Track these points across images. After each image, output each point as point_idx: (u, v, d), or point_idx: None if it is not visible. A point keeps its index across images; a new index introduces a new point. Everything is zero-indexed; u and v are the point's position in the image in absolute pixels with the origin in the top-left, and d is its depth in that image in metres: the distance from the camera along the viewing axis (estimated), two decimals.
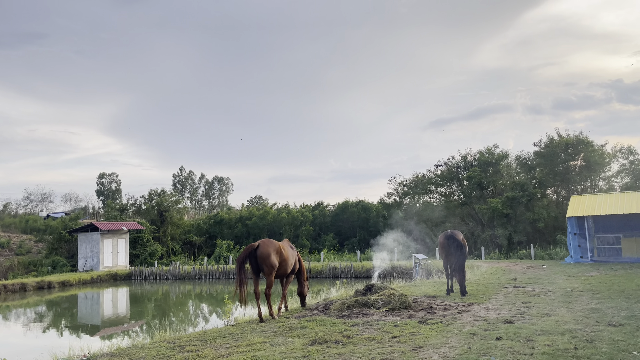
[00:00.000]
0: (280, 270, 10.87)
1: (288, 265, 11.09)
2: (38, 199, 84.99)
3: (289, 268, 11.17)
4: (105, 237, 39.73)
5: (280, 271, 10.91)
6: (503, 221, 35.81)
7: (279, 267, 10.75)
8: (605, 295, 12.30)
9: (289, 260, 11.13)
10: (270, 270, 10.41)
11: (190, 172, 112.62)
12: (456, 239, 13.28)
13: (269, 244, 10.58)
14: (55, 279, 32.69)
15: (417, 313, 10.40)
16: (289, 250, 11.36)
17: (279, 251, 10.73)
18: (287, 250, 11.14)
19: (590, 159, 35.38)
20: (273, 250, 10.53)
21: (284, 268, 10.96)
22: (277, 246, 10.69)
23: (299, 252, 12.13)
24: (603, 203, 24.11)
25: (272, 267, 10.42)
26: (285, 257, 10.92)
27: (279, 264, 10.74)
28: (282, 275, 11.21)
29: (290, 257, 11.20)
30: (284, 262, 10.87)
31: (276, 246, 10.68)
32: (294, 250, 11.81)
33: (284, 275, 11.24)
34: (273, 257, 10.45)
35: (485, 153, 39.96)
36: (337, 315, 10.38)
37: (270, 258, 10.40)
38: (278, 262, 10.65)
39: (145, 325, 18.46)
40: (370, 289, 11.84)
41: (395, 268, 27.78)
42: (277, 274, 10.95)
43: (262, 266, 10.40)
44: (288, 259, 11.05)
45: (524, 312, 10.22)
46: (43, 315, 22.72)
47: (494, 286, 15.37)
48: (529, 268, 22.33)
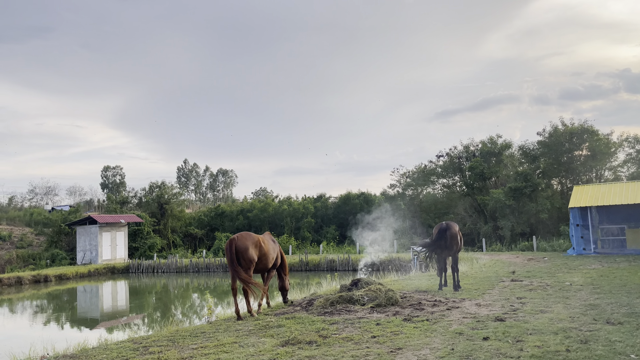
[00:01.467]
0: (260, 264, 10.37)
1: (269, 259, 10.58)
2: (43, 192, 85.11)
3: (269, 262, 10.66)
4: (104, 230, 39.42)
5: (260, 265, 10.41)
6: (506, 212, 35.10)
7: (258, 262, 10.25)
8: (605, 290, 11.68)
9: (270, 254, 10.61)
10: (248, 264, 9.91)
11: (195, 164, 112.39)
12: (451, 232, 12.67)
13: (247, 238, 10.08)
14: (52, 272, 32.44)
15: (404, 310, 9.84)
16: (270, 244, 10.83)
17: (258, 245, 10.22)
18: (267, 244, 10.62)
19: (596, 148, 34.52)
20: (251, 243, 10.03)
21: (263, 262, 10.45)
22: (255, 240, 10.19)
23: (280, 246, 11.58)
24: (607, 193, 23.37)
25: (250, 262, 9.92)
26: (265, 251, 10.41)
27: (258, 258, 10.23)
28: (263, 269, 10.71)
29: (270, 251, 10.68)
30: (263, 256, 10.36)
31: (255, 240, 10.17)
32: (276, 244, 11.28)
33: (264, 269, 10.74)
34: (251, 251, 9.96)
35: (488, 143, 39.17)
36: (319, 312, 9.84)
37: (248, 252, 9.90)
38: (257, 256, 10.13)
39: (133, 321, 18.05)
40: (356, 283, 11.28)
41: (393, 260, 27.23)
42: (257, 269, 10.47)
43: (240, 260, 9.90)
44: (268, 253, 10.53)
45: (518, 309, 9.63)
46: (28, 309, 22.38)
47: (491, 280, 14.77)
48: (530, 260, 21.70)
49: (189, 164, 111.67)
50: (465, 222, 39.12)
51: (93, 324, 18.07)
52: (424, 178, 42.88)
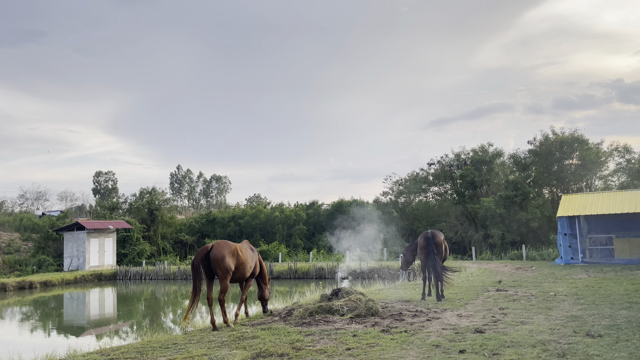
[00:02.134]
0: (237, 274, 10.12)
1: (246, 268, 10.32)
2: (33, 198, 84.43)
3: (247, 272, 10.40)
4: (92, 236, 38.99)
5: (237, 275, 10.16)
6: (496, 220, 35.04)
7: (235, 271, 10.00)
8: (589, 301, 11.55)
9: (247, 263, 10.36)
10: (225, 274, 9.66)
11: (188, 170, 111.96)
12: (436, 240, 12.52)
13: (224, 246, 9.84)
14: (38, 279, 31.97)
15: (383, 320, 9.66)
16: (248, 253, 10.58)
17: (236, 253, 9.96)
18: (245, 253, 10.37)
19: (586, 157, 34.60)
20: (228, 252, 9.77)
21: (241, 272, 10.20)
22: (233, 248, 9.94)
23: (259, 254, 11.37)
24: (595, 202, 23.33)
25: (226, 271, 9.67)
26: (243, 260, 10.16)
27: (236, 268, 9.98)
28: (240, 279, 10.46)
29: (248, 260, 10.43)
30: (241, 265, 10.10)
31: (232, 248, 9.92)
32: (255, 252, 11.04)
33: (242, 279, 10.49)
34: (228, 260, 9.70)
35: (479, 151, 39.18)
36: (297, 322, 9.63)
37: (225, 261, 9.64)
38: (234, 266, 9.89)
39: (113, 330, 17.74)
40: (337, 293, 11.09)
41: (382, 268, 27.05)
42: (235, 278, 10.23)
43: (216, 269, 9.66)
44: (246, 262, 10.28)
45: (498, 320, 9.47)
46: (13, 316, 21.99)
47: (476, 289, 14.62)
48: (518, 269, 21.58)
49: (182, 170, 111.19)
50: (456, 230, 39.02)
51: (77, 332, 17.74)
52: (416, 186, 42.84)
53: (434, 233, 12.70)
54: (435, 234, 12.67)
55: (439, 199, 42.67)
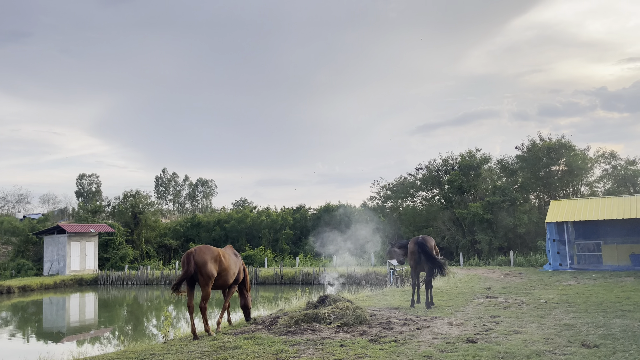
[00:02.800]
0: (219, 280, 9.67)
1: (229, 274, 9.88)
2: (15, 200, 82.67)
3: (230, 278, 9.96)
4: (73, 239, 38.08)
5: (219, 281, 9.71)
6: (484, 226, 34.95)
7: (218, 277, 9.55)
8: (581, 309, 11.30)
9: (231, 269, 9.92)
10: (207, 280, 9.21)
11: (174, 173, 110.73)
12: (427, 246, 12.16)
13: (206, 251, 9.38)
14: (15, 283, 31.06)
15: (371, 329, 9.28)
16: (231, 259, 10.14)
17: (218, 259, 9.53)
18: (228, 258, 9.93)
19: (573, 163, 34.69)
20: (210, 258, 9.33)
21: (224, 278, 9.76)
22: (215, 254, 9.50)
23: (243, 261, 10.93)
24: (583, 208, 23.27)
25: (208, 277, 9.22)
26: (226, 266, 9.72)
27: (218, 274, 9.54)
28: (223, 285, 10.00)
29: (232, 266, 9.99)
30: (224, 271, 9.66)
31: (214, 254, 9.48)
32: (238, 258, 10.61)
33: (224, 285, 10.04)
34: (210, 266, 9.25)
35: (467, 156, 39.12)
36: (281, 331, 9.21)
37: (207, 267, 9.19)
38: (217, 272, 9.44)
39: (92, 336, 17.10)
40: (323, 300, 10.68)
41: (369, 274, 26.69)
42: (217, 285, 9.77)
43: (197, 275, 9.19)
44: (229, 268, 9.84)
45: (490, 329, 9.15)
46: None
47: (465, 296, 14.32)
48: (506, 276, 21.37)
49: (167, 173, 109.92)
50: (444, 235, 38.86)
51: (53, 338, 17.08)
52: (404, 191, 42.66)
53: (425, 239, 12.36)
54: (426, 240, 12.32)
55: (426, 204, 42.52)
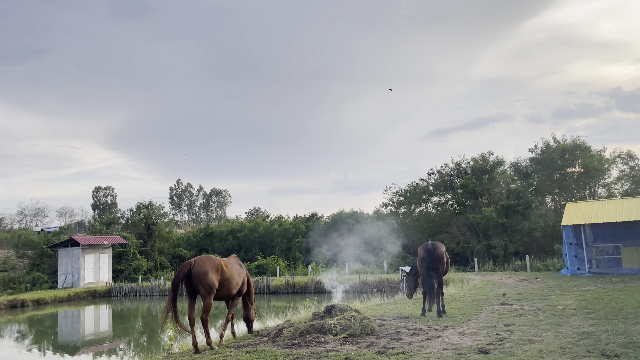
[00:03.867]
0: (222, 290, 9.37)
1: (232, 285, 9.56)
2: (32, 214, 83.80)
3: (233, 289, 9.64)
4: (87, 252, 38.24)
5: (222, 292, 9.40)
6: (499, 231, 34.27)
7: (220, 288, 9.26)
8: (600, 315, 10.81)
9: (234, 279, 9.60)
10: (208, 291, 8.93)
11: (188, 184, 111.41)
12: (437, 253, 11.78)
13: (207, 261, 9.12)
14: (30, 297, 31.18)
15: (379, 340, 8.93)
16: (234, 268, 9.83)
17: (220, 269, 9.24)
18: (231, 268, 9.63)
19: (589, 164, 33.92)
20: (211, 268, 9.05)
21: (227, 288, 9.45)
22: (217, 263, 9.23)
23: (248, 272, 10.65)
24: (601, 210, 22.61)
25: (209, 288, 8.93)
26: (228, 276, 9.41)
27: (220, 284, 9.24)
28: (226, 296, 9.69)
29: (235, 276, 9.68)
30: (226, 281, 9.35)
31: (216, 264, 9.20)
32: (243, 268, 10.30)
33: (227, 296, 9.72)
34: (211, 277, 8.96)
35: (480, 160, 38.51)
36: (285, 344, 8.91)
37: (207, 277, 8.91)
38: (218, 282, 9.15)
39: (100, 350, 16.96)
40: (330, 310, 10.36)
41: (382, 282, 26.26)
42: (219, 295, 9.47)
43: (198, 287, 8.91)
44: (232, 278, 9.53)
45: (504, 338, 8.74)
46: (4, 335, 21.20)
47: (479, 303, 13.87)
48: (522, 281, 20.79)
49: (182, 184, 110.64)
50: (458, 240, 38.24)
51: (60, 352, 16.98)
52: (416, 196, 42.13)
53: (435, 245, 11.98)
54: (436, 246, 11.94)
55: (439, 209, 41.92)
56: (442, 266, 11.85)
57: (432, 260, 11.65)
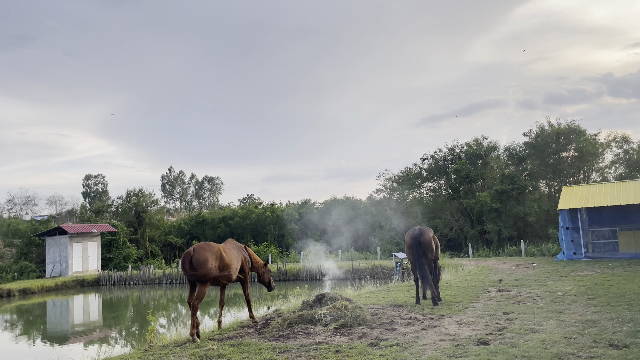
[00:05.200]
0: (223, 277, 9.30)
1: (232, 270, 9.46)
2: (22, 202, 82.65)
3: (233, 273, 9.55)
4: (75, 240, 37.51)
5: (223, 278, 9.33)
6: (493, 216, 33.92)
7: (220, 274, 9.20)
8: (603, 302, 10.36)
9: (233, 264, 9.51)
10: (207, 278, 8.86)
11: (181, 172, 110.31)
12: (423, 238, 11.18)
13: (206, 248, 9.03)
14: (16, 286, 30.49)
15: (372, 330, 8.41)
16: (232, 253, 9.72)
17: (220, 256, 9.15)
18: (229, 253, 9.54)
19: (583, 149, 33.52)
20: (211, 255, 8.96)
21: (227, 274, 9.36)
22: (216, 250, 9.12)
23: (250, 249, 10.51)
24: (597, 194, 22.21)
25: (205, 276, 8.81)
26: (228, 261, 9.32)
27: (220, 270, 9.16)
28: (228, 280, 9.58)
29: (234, 261, 9.58)
30: (225, 267, 9.26)
31: (215, 250, 9.10)
32: (240, 250, 10.14)
33: (228, 281, 9.60)
34: (211, 264, 8.88)
35: (473, 145, 38.02)
36: (272, 336, 8.37)
37: (208, 265, 8.81)
38: (218, 269, 9.07)
39: (83, 341, 16.39)
40: (320, 300, 9.83)
41: (375, 268, 25.84)
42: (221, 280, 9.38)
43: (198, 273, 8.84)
44: (231, 264, 9.43)
45: (504, 328, 8.25)
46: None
47: (475, 290, 13.41)
48: (518, 266, 20.40)
49: (174, 172, 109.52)
50: (452, 226, 37.91)
51: (48, 341, 16.40)
52: (409, 182, 41.65)
53: (422, 230, 11.37)
54: (423, 231, 11.33)
55: (433, 195, 41.51)
56: (431, 252, 11.23)
57: (420, 247, 11.08)
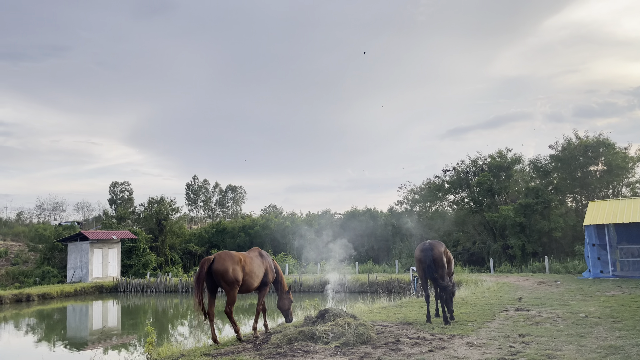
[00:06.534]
0: (243, 285, 9.34)
1: (253, 278, 9.50)
2: (50, 208, 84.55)
3: (254, 281, 9.58)
4: (95, 246, 37.90)
5: (243, 287, 9.38)
6: (516, 230, 32.85)
7: (243, 282, 9.28)
8: (629, 325, 9.64)
9: (254, 272, 9.53)
10: (231, 286, 9.02)
11: (205, 180, 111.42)
12: (434, 253, 10.57)
13: (226, 257, 9.14)
14: (36, 291, 30.84)
15: (375, 350, 7.93)
16: (255, 262, 9.73)
17: (240, 264, 9.20)
18: (251, 262, 9.56)
19: (612, 162, 32.27)
20: (231, 263, 9.06)
21: (248, 282, 9.42)
22: (237, 259, 9.22)
23: (275, 260, 10.52)
24: (626, 209, 21.17)
25: (232, 283, 9.00)
26: (249, 270, 9.38)
27: (243, 279, 9.21)
28: (247, 290, 9.63)
29: (255, 270, 9.58)
30: (247, 275, 9.33)
31: (235, 259, 9.21)
32: (265, 258, 10.11)
33: (249, 290, 9.64)
34: (231, 272, 8.97)
35: (497, 157, 37.06)
36: (270, 352, 7.97)
37: (228, 274, 8.94)
38: (241, 277, 9.13)
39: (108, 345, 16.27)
40: (323, 315, 9.40)
41: (392, 282, 25.19)
42: (241, 290, 9.41)
43: (220, 283, 9.07)
44: (252, 272, 9.47)
45: (518, 352, 7.66)
46: (7, 330, 20.71)
47: (492, 308, 12.75)
48: (540, 284, 19.52)
49: (198, 180, 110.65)
50: (474, 240, 36.94)
51: (79, 346, 16.35)
52: (431, 194, 40.84)
53: (433, 244, 10.75)
54: (434, 246, 10.71)
55: (455, 208, 40.57)
56: (442, 268, 10.55)
57: (430, 262, 10.50)
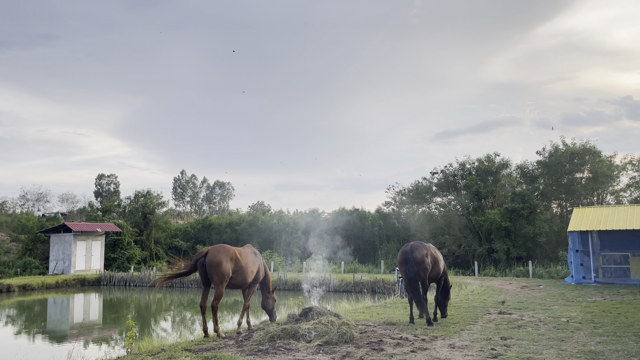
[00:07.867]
0: (237, 279, 9.38)
1: (247, 273, 9.52)
2: (34, 199, 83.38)
3: (248, 277, 9.60)
4: (79, 239, 37.43)
5: (237, 280, 9.40)
6: (501, 234, 33.12)
7: (235, 276, 9.28)
8: (609, 331, 9.73)
9: (248, 268, 9.55)
10: (221, 279, 8.96)
11: (193, 175, 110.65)
12: (415, 255, 10.53)
13: (221, 250, 9.14)
14: (16, 282, 30.38)
15: (358, 350, 7.90)
16: (249, 257, 9.74)
17: (234, 258, 9.21)
18: (245, 257, 9.56)
19: (598, 170, 32.68)
20: (225, 257, 9.05)
21: (241, 277, 9.43)
22: (231, 253, 9.21)
23: (264, 260, 10.65)
24: (610, 217, 21.43)
25: (223, 277, 8.95)
26: (243, 264, 9.39)
27: (235, 272, 9.24)
28: (241, 285, 9.67)
29: (249, 265, 9.61)
30: (240, 269, 9.33)
31: (230, 253, 9.19)
32: (258, 256, 10.17)
33: (243, 285, 9.68)
34: (225, 266, 8.95)
35: (485, 161, 37.32)
36: (251, 350, 7.90)
37: (222, 266, 8.92)
38: (232, 271, 9.13)
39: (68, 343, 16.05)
40: (307, 313, 9.35)
41: (377, 282, 25.23)
42: (234, 284, 9.48)
43: (212, 275, 9.01)
44: (247, 267, 9.49)
45: (499, 355, 7.68)
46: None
47: (475, 311, 12.80)
48: (524, 288, 19.67)
49: (186, 175, 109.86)
50: (460, 243, 37.16)
51: (58, 338, 16.10)
52: (419, 196, 41.01)
53: (415, 246, 10.67)
54: (415, 248, 10.63)
55: (442, 210, 40.79)
56: (424, 270, 10.46)
57: (411, 264, 10.46)
